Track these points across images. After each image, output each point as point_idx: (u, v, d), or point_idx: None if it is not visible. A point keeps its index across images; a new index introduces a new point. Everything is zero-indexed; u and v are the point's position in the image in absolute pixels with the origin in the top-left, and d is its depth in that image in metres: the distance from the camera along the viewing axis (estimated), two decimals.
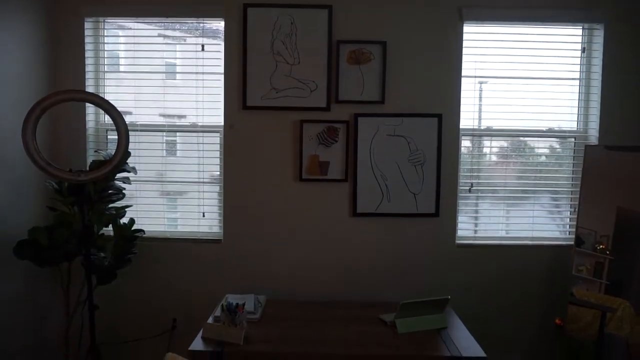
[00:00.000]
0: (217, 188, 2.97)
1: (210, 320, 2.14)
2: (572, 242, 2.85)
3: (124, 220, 2.77)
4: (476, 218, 3.00)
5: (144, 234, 2.83)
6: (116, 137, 2.36)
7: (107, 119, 2.93)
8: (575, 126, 2.95)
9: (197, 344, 1.92)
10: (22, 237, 2.47)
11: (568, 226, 2.98)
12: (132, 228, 2.77)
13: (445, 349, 1.88)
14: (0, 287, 2.41)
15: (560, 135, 2.96)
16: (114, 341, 2.91)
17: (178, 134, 3.04)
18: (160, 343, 2.92)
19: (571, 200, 2.96)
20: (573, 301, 2.69)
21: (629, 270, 2.57)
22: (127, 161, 2.69)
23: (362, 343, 1.93)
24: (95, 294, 2.70)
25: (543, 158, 3.02)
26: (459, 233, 2.95)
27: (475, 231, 3.00)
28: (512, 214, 2.99)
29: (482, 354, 1.84)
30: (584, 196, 2.71)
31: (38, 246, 2.44)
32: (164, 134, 2.98)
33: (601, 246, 2.65)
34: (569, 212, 2.98)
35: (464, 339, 1.98)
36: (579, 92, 2.92)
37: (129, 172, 2.69)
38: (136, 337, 2.93)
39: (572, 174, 2.94)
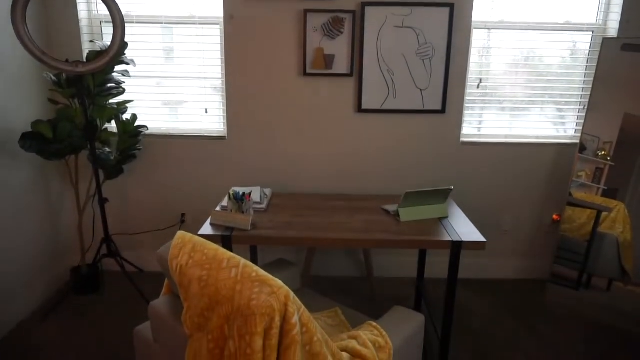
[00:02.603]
0: (219, 83, 2.89)
1: (218, 209, 2.20)
2: (577, 141, 2.84)
3: (126, 116, 2.75)
4: (481, 116, 2.95)
5: (147, 129, 2.82)
6: (111, 29, 2.26)
7: (101, 9, 2.78)
8: (595, 19, 2.79)
9: (206, 229, 1.98)
10: (26, 130, 2.47)
11: (575, 124, 2.95)
12: (135, 124, 2.75)
13: (447, 235, 1.94)
14: (11, 182, 2.45)
15: (577, 28, 2.81)
16: (126, 233, 3.03)
17: (176, 31, 2.89)
18: (170, 235, 3.04)
19: (580, 99, 2.89)
20: (571, 201, 2.75)
21: (627, 177, 2.60)
22: (125, 53, 2.60)
23: (365, 229, 1.99)
24: (104, 190, 2.75)
25: (556, 61, 2.89)
26: (464, 131, 2.93)
27: (479, 129, 2.97)
28: (519, 113, 2.94)
29: (481, 239, 1.90)
30: (593, 101, 2.66)
31: (43, 139, 2.44)
32: (162, 28, 2.84)
33: (603, 152, 2.65)
34: (575, 116, 2.93)
35: (464, 227, 2.04)
36: None
37: (127, 64, 2.60)
38: (147, 230, 3.05)
39: (585, 70, 2.85)
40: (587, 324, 2.63)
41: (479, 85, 2.85)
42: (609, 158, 2.64)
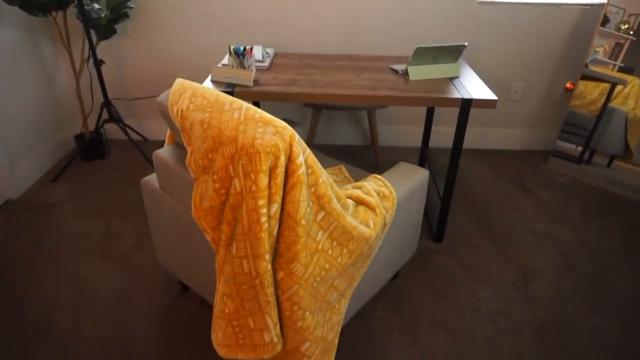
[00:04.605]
0: None
1: (218, 66, 2.10)
2: (604, 1, 2.62)
3: None
4: None
5: None
6: None
7: None
8: None
9: (207, 85, 1.91)
10: None
11: None
12: None
13: (457, 92, 1.87)
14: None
15: None
16: (125, 97, 2.96)
17: None
18: None
19: None
20: (586, 73, 2.63)
21: None
22: None
23: (372, 87, 1.91)
24: (98, 53, 2.62)
25: None
26: None
27: None
28: None
29: (493, 97, 1.83)
30: None
31: None
32: None
33: (626, 26, 2.47)
34: None
35: (475, 85, 1.96)
36: None
37: None
38: (145, 95, 2.97)
39: None
40: (585, 190, 2.68)
41: None
42: (631, 32, 2.48)
